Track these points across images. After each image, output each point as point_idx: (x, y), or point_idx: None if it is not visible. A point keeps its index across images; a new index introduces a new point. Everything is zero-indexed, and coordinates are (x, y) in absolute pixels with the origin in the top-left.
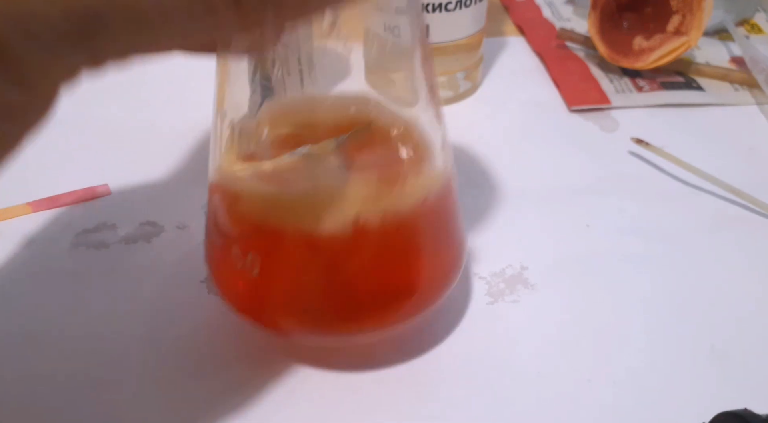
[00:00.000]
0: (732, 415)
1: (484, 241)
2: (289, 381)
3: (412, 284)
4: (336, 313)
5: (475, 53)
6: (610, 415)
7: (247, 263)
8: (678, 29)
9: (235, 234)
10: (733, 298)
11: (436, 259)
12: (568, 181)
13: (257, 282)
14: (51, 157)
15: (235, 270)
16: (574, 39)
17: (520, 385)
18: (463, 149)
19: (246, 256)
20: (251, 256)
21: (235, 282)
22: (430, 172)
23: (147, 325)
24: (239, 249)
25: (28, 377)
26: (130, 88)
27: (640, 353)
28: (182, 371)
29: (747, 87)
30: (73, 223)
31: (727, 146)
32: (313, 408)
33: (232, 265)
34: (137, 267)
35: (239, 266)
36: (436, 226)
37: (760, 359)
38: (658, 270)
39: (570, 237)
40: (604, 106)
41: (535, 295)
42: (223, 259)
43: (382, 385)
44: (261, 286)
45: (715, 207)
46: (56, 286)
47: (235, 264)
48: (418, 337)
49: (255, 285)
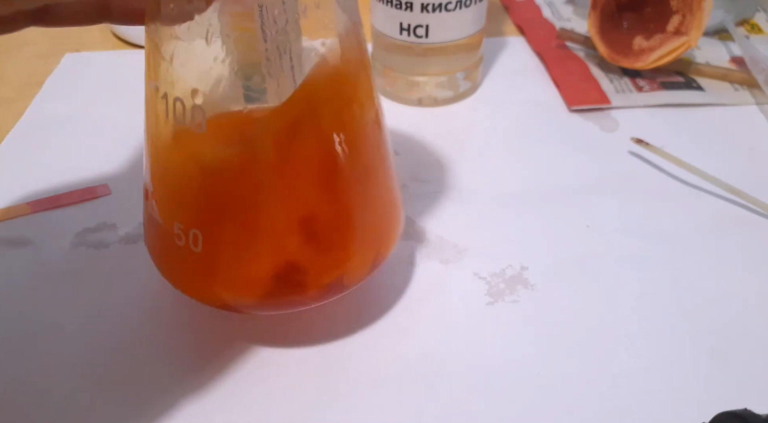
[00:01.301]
0: (732, 415)
1: (485, 241)
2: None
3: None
4: (275, 272)
5: (475, 53)
6: (610, 415)
7: (185, 238)
8: (678, 29)
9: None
10: (733, 298)
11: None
12: (568, 181)
13: (197, 255)
14: (51, 157)
15: (175, 246)
16: (574, 39)
17: (520, 385)
18: (462, 149)
19: (186, 233)
20: (191, 231)
21: (175, 257)
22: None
23: (147, 325)
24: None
25: (27, 377)
26: (130, 88)
27: (640, 353)
28: (181, 369)
29: (747, 87)
30: (73, 223)
31: (727, 146)
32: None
33: (170, 241)
34: (137, 267)
35: (179, 243)
36: (366, 163)
37: (760, 359)
38: (658, 270)
39: (570, 237)
40: (604, 106)
41: (535, 295)
42: (161, 237)
43: (382, 386)
44: (201, 259)
45: (715, 207)
46: (56, 286)
47: (174, 241)
48: (418, 337)
49: (195, 259)
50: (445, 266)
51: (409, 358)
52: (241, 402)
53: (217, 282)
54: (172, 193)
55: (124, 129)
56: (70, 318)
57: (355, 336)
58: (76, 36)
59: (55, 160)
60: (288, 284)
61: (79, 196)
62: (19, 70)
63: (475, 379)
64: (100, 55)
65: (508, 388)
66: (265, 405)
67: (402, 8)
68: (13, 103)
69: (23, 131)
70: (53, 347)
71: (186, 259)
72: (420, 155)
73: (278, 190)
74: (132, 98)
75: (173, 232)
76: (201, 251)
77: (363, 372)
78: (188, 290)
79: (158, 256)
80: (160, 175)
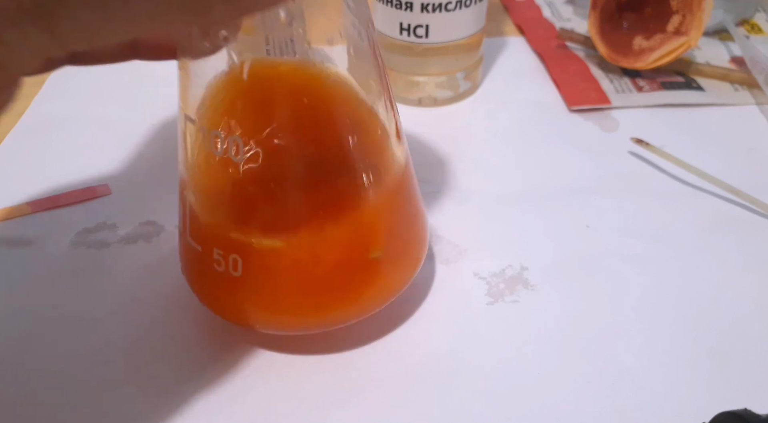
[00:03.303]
0: (732, 415)
1: (485, 241)
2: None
3: (373, 276)
4: (305, 308)
5: (475, 53)
6: (610, 415)
7: (224, 265)
8: (678, 29)
9: (211, 238)
10: (733, 298)
11: (397, 248)
12: (568, 181)
13: (236, 282)
14: (51, 157)
15: (214, 272)
16: (574, 39)
17: (521, 385)
18: (463, 149)
19: (226, 259)
20: (229, 257)
21: (214, 284)
22: (387, 161)
23: (147, 325)
24: (217, 252)
25: (27, 376)
26: (130, 88)
27: (640, 353)
28: (181, 369)
29: (747, 87)
30: (73, 223)
31: (727, 146)
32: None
33: (209, 268)
34: (137, 267)
35: (218, 269)
36: (395, 217)
37: (760, 359)
38: (658, 270)
39: (570, 237)
40: (604, 106)
41: (535, 295)
42: (199, 262)
43: (381, 386)
44: (239, 287)
45: (715, 207)
46: (56, 286)
47: (213, 267)
48: (417, 337)
49: (234, 286)
50: (445, 266)
51: (409, 358)
52: (243, 405)
53: (259, 307)
54: (211, 220)
55: (124, 129)
56: (70, 318)
57: (355, 336)
58: None
59: (55, 160)
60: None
61: (79, 196)
62: None
63: (476, 378)
64: None
65: (508, 388)
66: (266, 406)
67: (402, 8)
68: (13, 103)
69: (23, 131)
70: (52, 347)
71: (225, 284)
72: (420, 155)
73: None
74: (132, 98)
75: (212, 257)
76: (241, 275)
77: (362, 372)
78: (230, 316)
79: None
80: (200, 205)
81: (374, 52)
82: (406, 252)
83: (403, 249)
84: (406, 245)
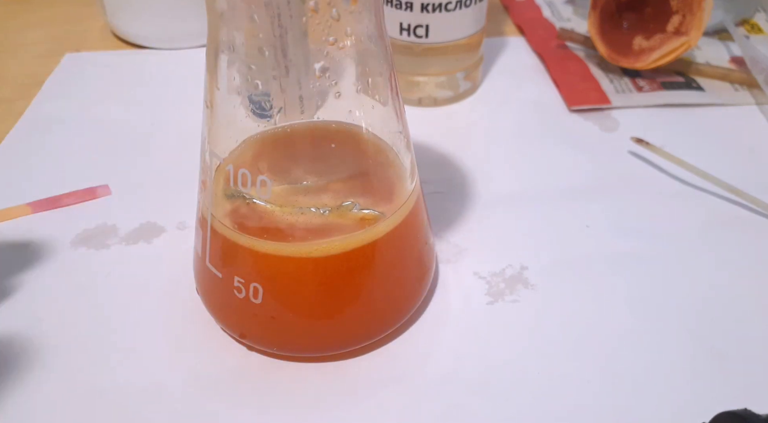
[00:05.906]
0: (732, 415)
1: (485, 241)
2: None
3: (380, 306)
4: (319, 335)
5: (475, 53)
6: (610, 415)
7: (245, 293)
8: (678, 29)
9: (232, 268)
10: (733, 298)
11: (404, 281)
12: (568, 181)
13: (257, 309)
14: (51, 157)
15: (236, 299)
16: (574, 39)
17: (521, 385)
18: (462, 149)
19: (247, 287)
20: (251, 286)
21: (233, 309)
22: (402, 199)
23: (147, 325)
24: (238, 280)
25: (26, 377)
26: (130, 88)
27: (640, 353)
28: (181, 370)
29: (747, 87)
30: (73, 223)
31: (727, 146)
32: None
33: (229, 294)
34: (137, 267)
35: (239, 295)
36: (401, 254)
37: (760, 359)
38: (658, 270)
39: (570, 237)
40: (604, 106)
41: (535, 295)
42: (219, 289)
43: (380, 386)
44: (260, 314)
45: (715, 207)
46: (56, 286)
47: (234, 294)
48: (417, 337)
49: (254, 312)
50: (445, 266)
51: (409, 358)
52: (243, 406)
53: (278, 332)
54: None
55: (124, 129)
56: (70, 318)
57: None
58: (76, 36)
59: (55, 160)
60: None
61: (79, 196)
62: (19, 70)
63: (476, 378)
64: (100, 55)
65: (508, 388)
66: (265, 409)
67: (402, 8)
68: (13, 103)
69: (23, 131)
70: (51, 347)
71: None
72: (420, 155)
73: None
74: (132, 98)
75: (233, 285)
76: (261, 302)
77: (362, 373)
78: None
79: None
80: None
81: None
82: (418, 278)
83: (415, 277)
84: (415, 274)
